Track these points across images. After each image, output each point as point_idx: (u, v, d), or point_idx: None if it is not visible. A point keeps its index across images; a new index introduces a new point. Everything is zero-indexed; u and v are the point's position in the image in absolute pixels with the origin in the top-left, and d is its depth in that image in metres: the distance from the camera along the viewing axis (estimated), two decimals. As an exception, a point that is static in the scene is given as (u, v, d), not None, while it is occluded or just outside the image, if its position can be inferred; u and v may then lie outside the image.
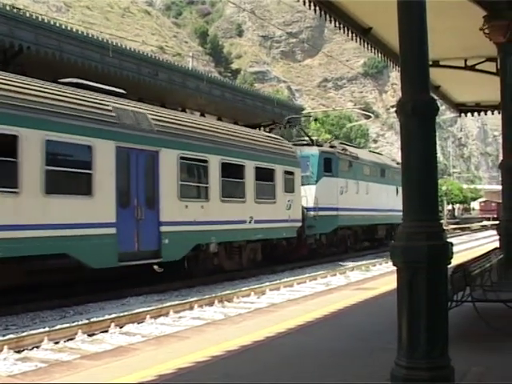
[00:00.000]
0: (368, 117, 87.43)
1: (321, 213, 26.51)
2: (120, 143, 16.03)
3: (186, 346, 7.74)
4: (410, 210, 5.12)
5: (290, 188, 24.03)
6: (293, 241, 24.86)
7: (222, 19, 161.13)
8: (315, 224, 26.17)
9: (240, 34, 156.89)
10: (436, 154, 5.23)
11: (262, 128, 29.32)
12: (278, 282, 19.90)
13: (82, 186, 15.06)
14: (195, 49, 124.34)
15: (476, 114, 27.39)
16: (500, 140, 13.17)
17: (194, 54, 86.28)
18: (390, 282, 5.77)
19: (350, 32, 15.40)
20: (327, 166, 27.65)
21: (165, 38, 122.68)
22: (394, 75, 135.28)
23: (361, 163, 31.56)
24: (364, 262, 26.48)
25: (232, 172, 20.50)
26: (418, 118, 5.05)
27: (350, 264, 26.09)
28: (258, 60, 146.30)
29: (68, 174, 14.74)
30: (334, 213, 27.69)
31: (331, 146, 29.54)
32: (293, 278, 20.70)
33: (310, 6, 13.61)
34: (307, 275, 21.70)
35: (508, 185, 12.71)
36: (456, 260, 6.90)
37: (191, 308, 15.07)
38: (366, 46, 16.48)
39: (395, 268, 5.09)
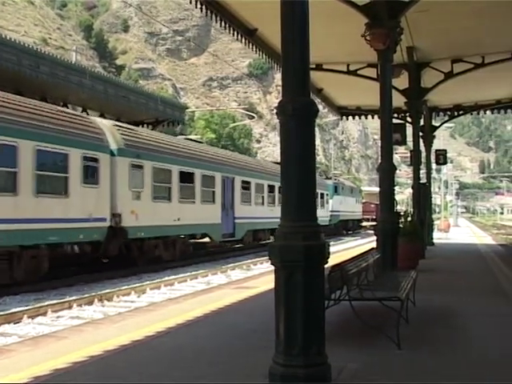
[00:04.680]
0: (252, 117, 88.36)
1: (335, 213, 51.93)
2: None
3: (63, 346, 7.56)
4: (287, 210, 5.20)
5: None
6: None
7: (108, 13, 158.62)
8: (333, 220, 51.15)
9: (126, 29, 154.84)
10: (314, 155, 5.33)
11: (144, 125, 29.12)
12: (159, 280, 19.76)
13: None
14: (79, 42, 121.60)
15: (357, 117, 28.22)
16: (380, 143, 13.58)
17: (78, 48, 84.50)
18: (269, 281, 5.85)
19: (235, 32, 15.53)
20: (336, 190, 54.24)
21: (48, 30, 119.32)
22: (279, 77, 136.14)
23: (346, 187, 59.88)
24: (245, 261, 26.68)
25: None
26: (298, 119, 5.12)
27: (232, 263, 26.24)
28: (143, 57, 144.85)
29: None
30: (337, 213, 52.75)
31: (336, 179, 58.87)
32: (174, 277, 20.61)
33: (196, 4, 13.63)
34: (188, 274, 21.66)
35: (385, 187, 13.14)
36: (335, 259, 7.07)
37: (70, 307, 14.76)
38: (251, 46, 16.66)
39: (275, 267, 5.17)
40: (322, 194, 46.44)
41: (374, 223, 19.93)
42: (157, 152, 23.33)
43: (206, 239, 29.00)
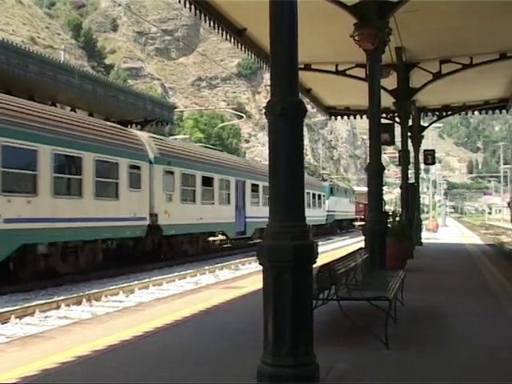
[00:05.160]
0: (240, 117, 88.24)
1: (330, 213, 55.23)
2: None
3: (51, 347, 7.54)
4: (276, 210, 5.20)
5: None
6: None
7: (97, 12, 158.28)
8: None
9: (115, 28, 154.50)
10: (303, 155, 5.33)
11: (133, 125, 29.06)
12: (147, 280, 19.72)
13: None
14: (68, 41, 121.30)
15: (345, 117, 28.27)
16: (368, 143, 13.60)
17: (67, 47, 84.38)
18: (258, 281, 5.85)
19: (224, 32, 15.53)
20: (332, 191, 56.99)
21: (36, 29, 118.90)
22: (268, 77, 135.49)
23: (341, 188, 63.27)
24: (234, 261, 26.68)
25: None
26: (286, 119, 5.12)
27: (220, 263, 26.23)
28: (132, 56, 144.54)
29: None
30: (332, 213, 56.10)
31: (331, 181, 62.57)
32: (162, 277, 20.56)
33: (185, 4, 13.62)
34: (176, 274, 21.62)
35: (373, 187, 13.17)
36: (324, 259, 7.08)
37: (58, 307, 14.70)
38: (240, 46, 16.66)
39: (263, 267, 5.17)
40: (319, 195, 50.93)
41: (363, 223, 19.97)
42: (184, 159, 26.78)
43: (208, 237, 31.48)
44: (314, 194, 48.71)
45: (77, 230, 19.02)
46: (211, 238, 32.36)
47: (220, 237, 33.88)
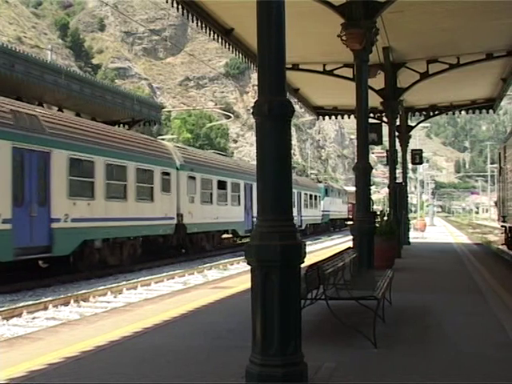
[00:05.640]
0: (228, 117, 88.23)
1: (325, 212, 59.52)
2: None
3: (39, 348, 7.50)
4: (264, 209, 5.20)
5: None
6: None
7: (84, 12, 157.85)
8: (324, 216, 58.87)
9: (102, 28, 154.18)
10: (291, 155, 5.33)
11: (121, 125, 29.00)
12: (136, 280, 19.71)
13: None
14: (55, 41, 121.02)
15: (333, 117, 28.30)
16: (356, 143, 13.63)
17: (54, 47, 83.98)
18: (246, 281, 5.86)
19: (212, 32, 15.51)
20: (327, 192, 60.95)
21: (23, 29, 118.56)
22: (256, 76, 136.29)
23: (334, 189, 67.00)
24: (222, 261, 26.68)
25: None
26: (274, 119, 5.12)
27: (208, 263, 26.23)
28: (119, 56, 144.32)
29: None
30: (327, 212, 60.28)
31: (326, 182, 67.23)
32: (150, 277, 20.56)
33: (172, 4, 13.59)
34: (165, 274, 21.62)
35: (361, 186, 13.20)
36: (312, 259, 7.09)
37: (46, 308, 14.66)
38: (227, 46, 16.65)
39: (252, 267, 5.17)
40: (315, 196, 55.73)
41: (351, 222, 20.01)
42: (203, 166, 30.49)
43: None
44: (310, 195, 53.50)
45: (123, 228, 22.65)
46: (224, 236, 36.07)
47: (227, 235, 36.87)
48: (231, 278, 17.41)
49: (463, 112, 27.69)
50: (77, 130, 20.28)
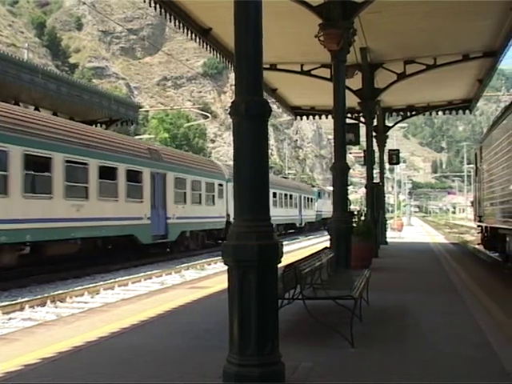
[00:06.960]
0: (206, 117, 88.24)
1: (319, 212, 67.53)
2: None
3: (15, 349, 7.44)
4: (241, 209, 5.20)
5: None
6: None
7: (61, 11, 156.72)
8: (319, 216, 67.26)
9: (79, 27, 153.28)
10: (268, 155, 5.33)
11: (98, 124, 28.89)
12: (113, 280, 19.63)
13: None
14: (32, 40, 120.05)
15: (311, 117, 28.37)
16: (333, 143, 13.66)
17: (30, 46, 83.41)
18: (223, 281, 5.85)
19: (189, 32, 15.49)
20: (319, 195, 69.79)
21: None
22: (234, 76, 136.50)
23: (326, 192, 73.15)
24: (199, 261, 26.66)
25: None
26: (251, 119, 5.12)
27: (186, 263, 26.20)
28: (97, 55, 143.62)
29: None
30: (320, 213, 67.35)
31: (319, 187, 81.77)
32: (127, 277, 20.49)
33: (150, 3, 13.56)
34: (142, 274, 21.56)
35: (339, 186, 13.24)
36: (289, 259, 7.09)
37: (22, 309, 14.56)
38: (205, 46, 16.63)
39: (229, 267, 5.17)
40: (311, 199, 65.05)
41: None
42: None
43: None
44: (307, 198, 62.37)
45: (199, 223, 32.42)
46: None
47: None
48: (208, 277, 17.39)
49: (440, 112, 27.86)
50: (180, 158, 31.46)
